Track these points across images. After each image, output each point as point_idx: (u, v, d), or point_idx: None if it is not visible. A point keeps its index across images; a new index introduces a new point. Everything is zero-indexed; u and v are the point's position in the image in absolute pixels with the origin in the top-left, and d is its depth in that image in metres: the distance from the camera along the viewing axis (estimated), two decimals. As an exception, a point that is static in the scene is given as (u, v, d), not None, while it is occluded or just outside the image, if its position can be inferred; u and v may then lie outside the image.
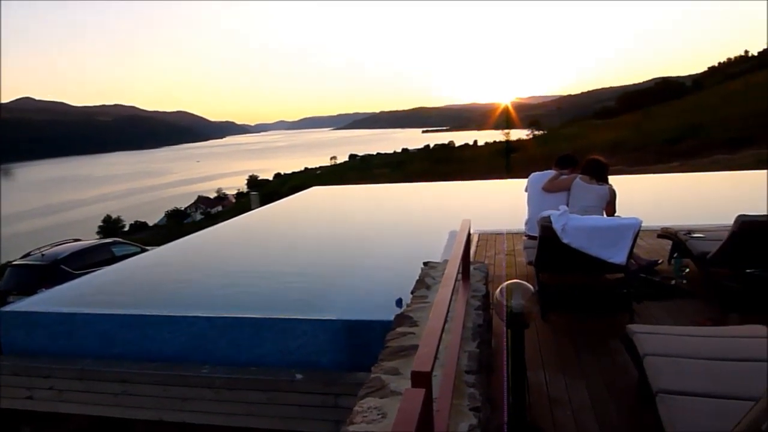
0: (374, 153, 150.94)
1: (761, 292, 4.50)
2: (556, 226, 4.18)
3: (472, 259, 6.56)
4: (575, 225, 4.18)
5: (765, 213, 4.64)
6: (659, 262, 5.64)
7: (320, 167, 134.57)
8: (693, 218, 6.94)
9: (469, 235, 3.93)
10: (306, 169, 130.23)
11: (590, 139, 77.67)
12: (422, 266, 4.45)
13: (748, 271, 4.76)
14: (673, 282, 5.18)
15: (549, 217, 4.28)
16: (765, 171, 12.84)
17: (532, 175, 5.87)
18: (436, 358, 1.81)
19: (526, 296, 2.76)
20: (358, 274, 7.61)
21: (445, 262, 3.49)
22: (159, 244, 11.56)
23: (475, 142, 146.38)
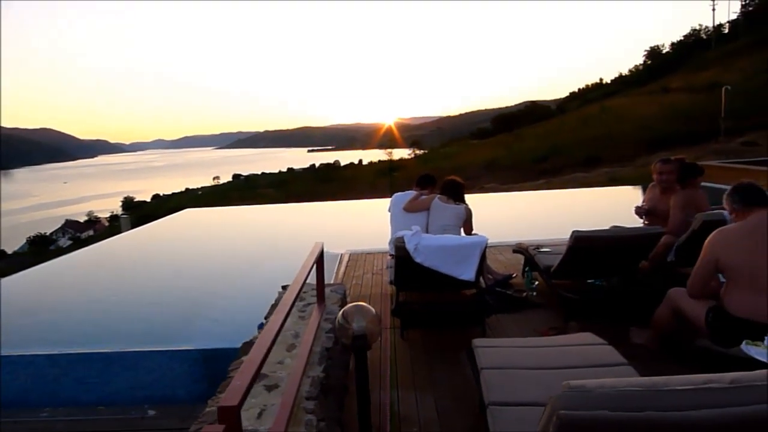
0: (259, 173, 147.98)
1: (598, 300, 4.90)
2: (409, 246, 4.29)
3: (339, 280, 6.57)
4: (427, 244, 4.30)
5: (606, 227, 5.10)
6: (513, 275, 5.96)
7: (202, 187, 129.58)
8: (548, 233, 7.35)
9: (321, 257, 3.92)
10: (187, 189, 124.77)
11: (468, 158, 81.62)
12: (280, 290, 4.37)
13: (588, 281, 5.16)
14: (524, 294, 5.50)
15: (403, 237, 4.37)
16: (614, 188, 14.20)
17: (395, 195, 5.98)
18: (250, 388, 1.75)
19: (367, 318, 2.78)
20: (223, 299, 7.32)
21: (305, 285, 3.43)
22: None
23: (360, 161, 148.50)
